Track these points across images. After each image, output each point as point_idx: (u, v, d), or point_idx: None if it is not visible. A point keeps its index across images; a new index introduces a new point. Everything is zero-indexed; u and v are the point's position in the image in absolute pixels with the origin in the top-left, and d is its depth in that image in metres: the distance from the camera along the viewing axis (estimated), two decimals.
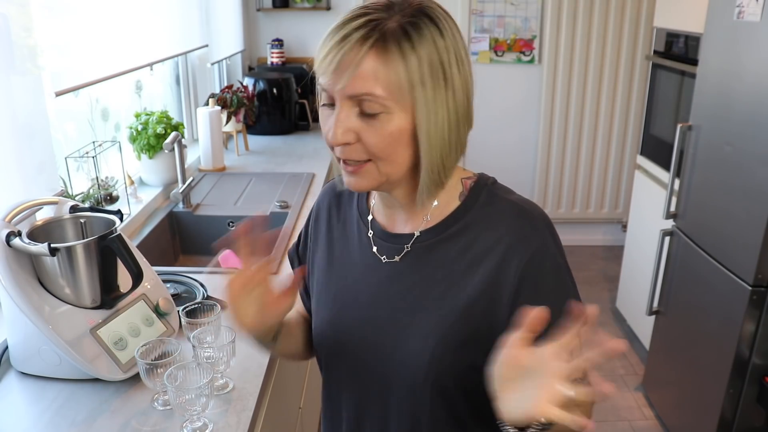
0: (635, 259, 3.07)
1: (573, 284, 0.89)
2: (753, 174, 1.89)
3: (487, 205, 0.89)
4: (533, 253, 0.85)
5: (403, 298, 0.90)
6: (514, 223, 0.86)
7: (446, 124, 0.81)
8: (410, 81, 0.77)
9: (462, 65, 0.81)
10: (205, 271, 1.68)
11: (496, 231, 0.86)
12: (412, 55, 0.77)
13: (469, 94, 0.84)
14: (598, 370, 0.70)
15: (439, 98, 0.79)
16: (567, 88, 3.85)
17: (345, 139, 0.80)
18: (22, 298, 1.14)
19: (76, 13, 1.71)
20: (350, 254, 0.97)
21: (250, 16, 3.65)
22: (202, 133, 2.55)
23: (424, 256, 0.90)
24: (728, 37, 2.05)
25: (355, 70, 0.77)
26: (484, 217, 0.88)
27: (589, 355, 0.66)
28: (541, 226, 0.87)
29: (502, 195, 0.90)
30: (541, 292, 0.85)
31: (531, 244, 0.85)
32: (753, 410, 2.02)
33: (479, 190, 0.90)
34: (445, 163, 0.84)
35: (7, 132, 1.37)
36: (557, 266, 0.87)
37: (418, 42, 0.77)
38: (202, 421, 1.07)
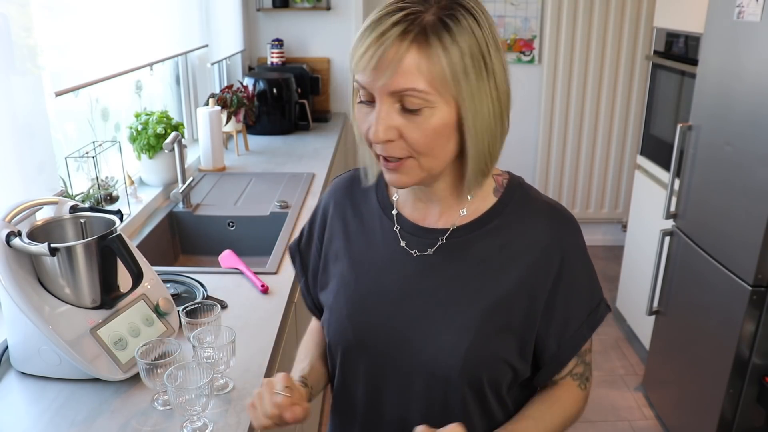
0: (635, 259, 3.07)
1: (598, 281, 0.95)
2: (753, 174, 1.89)
3: (523, 204, 0.92)
4: (568, 252, 0.90)
5: (436, 291, 0.90)
6: (550, 224, 0.90)
7: (491, 112, 0.82)
8: (454, 73, 0.77)
9: (499, 52, 0.82)
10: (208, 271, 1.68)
11: (533, 230, 0.90)
12: (454, 47, 0.77)
13: (508, 80, 0.85)
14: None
15: (482, 88, 0.80)
16: (567, 88, 3.85)
17: (387, 137, 0.80)
18: (22, 298, 1.14)
19: (76, 13, 1.71)
20: (371, 249, 0.96)
21: (250, 16, 3.65)
22: (202, 133, 2.55)
23: (460, 250, 0.90)
24: (728, 37, 2.05)
25: (398, 66, 0.76)
26: (521, 216, 0.91)
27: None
28: (574, 226, 0.92)
29: (534, 195, 0.94)
30: (574, 289, 0.91)
31: (566, 244, 0.90)
32: (753, 410, 2.02)
33: (514, 188, 0.94)
34: (491, 151, 0.85)
35: (7, 132, 1.37)
36: (588, 265, 0.93)
37: (458, 33, 0.77)
38: (202, 421, 1.07)
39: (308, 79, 3.46)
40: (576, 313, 0.92)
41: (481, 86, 0.80)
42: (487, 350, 0.88)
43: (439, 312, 0.89)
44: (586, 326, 0.93)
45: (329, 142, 3.12)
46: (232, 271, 1.68)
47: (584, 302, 0.92)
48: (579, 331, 0.92)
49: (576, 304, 0.91)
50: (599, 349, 3.09)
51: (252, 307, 1.50)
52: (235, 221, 2.15)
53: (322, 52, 3.70)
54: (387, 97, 0.79)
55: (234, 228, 2.16)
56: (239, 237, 2.14)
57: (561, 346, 0.92)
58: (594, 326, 0.93)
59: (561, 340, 0.91)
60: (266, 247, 1.94)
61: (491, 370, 0.89)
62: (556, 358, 0.93)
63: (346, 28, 3.61)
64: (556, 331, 0.91)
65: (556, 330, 0.91)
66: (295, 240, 1.10)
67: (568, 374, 0.95)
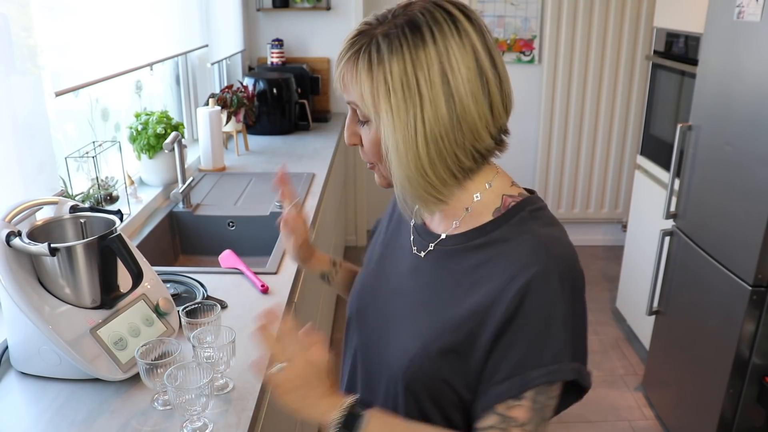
0: (635, 259, 3.07)
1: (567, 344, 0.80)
2: (753, 174, 1.89)
3: (513, 230, 0.84)
4: (530, 293, 0.78)
5: (415, 293, 0.92)
6: (528, 254, 0.80)
7: (421, 138, 0.78)
8: (372, 93, 0.79)
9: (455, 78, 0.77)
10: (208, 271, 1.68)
11: (508, 258, 0.82)
12: (379, 68, 0.78)
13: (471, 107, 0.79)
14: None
15: (410, 112, 0.77)
16: (567, 88, 3.85)
17: (352, 141, 0.89)
18: (22, 298, 1.14)
19: (76, 13, 1.71)
20: (396, 238, 1.02)
21: (250, 16, 3.65)
22: (202, 133, 2.55)
23: (443, 259, 0.90)
24: (728, 37, 2.05)
25: (340, 79, 0.84)
26: (506, 241, 0.84)
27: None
28: (554, 265, 0.79)
29: (534, 224, 0.85)
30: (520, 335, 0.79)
31: (533, 284, 0.78)
32: (753, 410, 2.02)
33: (516, 212, 0.86)
34: (426, 177, 0.81)
35: (7, 132, 1.37)
36: (551, 316, 0.79)
37: (387, 55, 0.77)
38: (202, 421, 1.07)
39: (308, 79, 3.46)
40: (510, 361, 0.79)
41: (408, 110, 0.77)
42: (427, 365, 0.85)
43: (410, 314, 0.90)
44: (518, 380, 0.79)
45: (329, 142, 3.12)
46: (232, 271, 1.68)
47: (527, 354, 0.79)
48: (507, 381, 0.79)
49: (514, 351, 0.79)
50: (599, 349, 3.09)
51: (252, 307, 1.50)
52: (235, 221, 2.15)
53: (322, 52, 3.70)
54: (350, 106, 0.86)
55: (234, 228, 2.16)
56: (239, 237, 2.14)
57: (488, 390, 0.81)
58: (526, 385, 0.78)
59: (490, 381, 0.81)
60: (266, 247, 1.94)
61: (431, 387, 0.86)
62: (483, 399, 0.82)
63: (346, 28, 3.61)
64: (489, 372, 0.81)
65: (489, 370, 0.81)
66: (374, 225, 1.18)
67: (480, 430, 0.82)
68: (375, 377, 0.95)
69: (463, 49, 0.78)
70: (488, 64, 0.80)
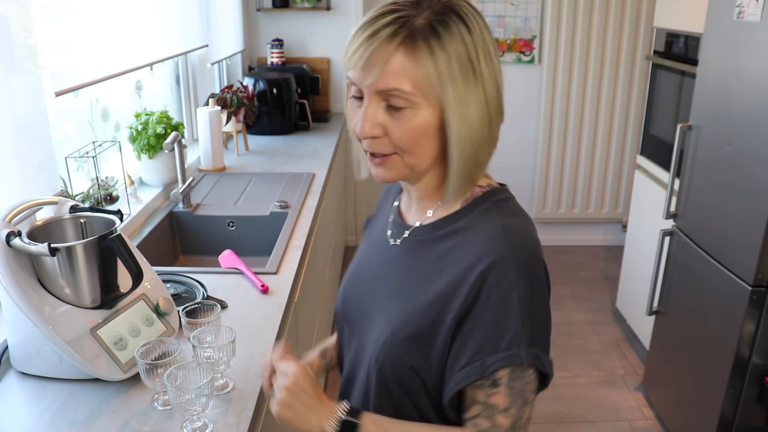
0: (635, 259, 3.07)
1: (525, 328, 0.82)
2: (753, 174, 1.89)
3: (478, 218, 0.88)
4: (489, 280, 0.81)
5: (390, 282, 0.95)
6: (487, 243, 0.83)
7: (477, 119, 0.83)
8: (439, 77, 0.79)
9: (490, 60, 0.83)
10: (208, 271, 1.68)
11: (469, 246, 0.85)
12: (441, 52, 0.79)
13: (500, 87, 0.85)
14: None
15: (469, 93, 0.81)
16: (567, 88, 3.85)
17: (372, 133, 0.84)
18: (22, 298, 1.14)
19: (76, 13, 1.71)
20: (376, 231, 1.05)
21: (250, 16, 3.65)
22: (202, 133, 2.55)
23: (414, 249, 0.94)
24: (728, 37, 2.05)
25: (384, 66, 0.79)
26: (469, 229, 0.87)
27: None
28: (514, 258, 0.81)
29: (497, 213, 0.87)
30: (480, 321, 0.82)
31: (493, 271, 0.81)
32: (753, 410, 2.02)
33: (482, 201, 0.90)
34: (477, 157, 0.85)
35: (7, 132, 1.37)
36: (508, 303, 0.81)
37: (447, 39, 0.79)
38: (202, 421, 1.07)
39: (308, 79, 3.46)
40: (471, 347, 0.82)
41: (467, 91, 0.81)
42: (395, 351, 0.89)
43: (385, 303, 0.94)
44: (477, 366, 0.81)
45: (329, 142, 3.12)
46: (232, 271, 1.68)
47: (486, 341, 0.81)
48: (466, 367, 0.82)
49: (474, 338, 0.82)
50: (599, 349, 3.09)
51: (252, 307, 1.50)
52: (235, 221, 2.15)
53: (322, 52, 3.70)
54: (374, 95, 0.82)
55: (234, 228, 2.16)
56: (239, 237, 2.15)
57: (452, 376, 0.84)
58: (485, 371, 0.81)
59: (452, 368, 0.84)
60: (266, 247, 1.94)
61: (398, 373, 0.89)
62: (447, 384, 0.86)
63: (346, 28, 3.61)
64: (451, 358, 0.84)
65: (451, 357, 0.84)
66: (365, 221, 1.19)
67: (471, 419, 0.85)
68: (356, 367, 0.99)
69: (490, 38, 0.84)
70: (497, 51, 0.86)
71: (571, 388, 2.79)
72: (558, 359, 3.01)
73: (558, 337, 3.19)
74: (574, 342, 3.16)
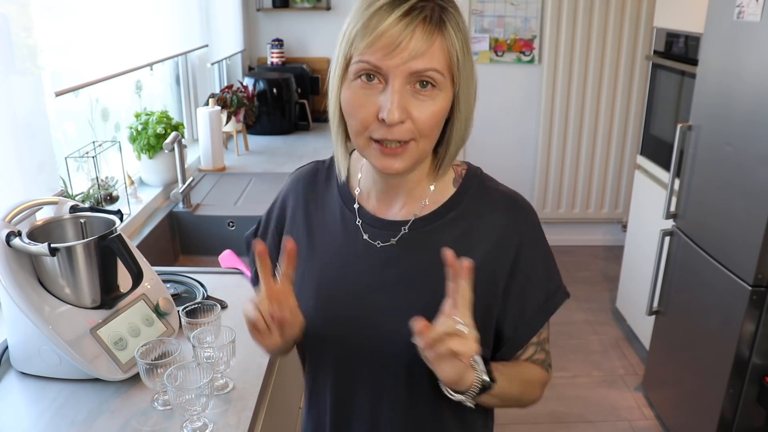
0: (635, 259, 3.07)
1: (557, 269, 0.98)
2: (753, 174, 1.89)
3: (480, 194, 0.94)
4: (523, 240, 0.92)
5: (399, 282, 0.92)
6: (506, 213, 0.92)
7: (474, 98, 0.87)
8: (464, 58, 0.82)
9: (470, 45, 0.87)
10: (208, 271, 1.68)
11: (490, 220, 0.92)
12: (461, 32, 0.82)
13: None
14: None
15: (471, 74, 0.85)
16: (567, 88, 3.85)
17: (402, 117, 0.80)
18: (22, 298, 1.14)
19: (76, 13, 1.71)
20: (333, 241, 0.97)
21: (250, 16, 3.65)
22: (202, 133, 2.55)
23: (421, 240, 0.92)
24: (728, 37, 2.05)
25: (421, 48, 0.78)
26: (478, 206, 0.93)
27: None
28: (531, 215, 0.94)
29: (492, 185, 0.96)
30: (530, 276, 0.93)
31: (521, 232, 0.92)
32: (753, 410, 2.02)
33: (471, 178, 0.95)
34: (465, 137, 0.89)
35: (7, 132, 1.37)
36: (544, 253, 0.95)
37: (459, 17, 0.82)
38: (202, 421, 1.08)
39: (308, 79, 3.46)
40: (532, 299, 0.94)
41: (471, 71, 0.85)
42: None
43: (403, 303, 0.90)
44: (541, 312, 0.95)
45: (329, 142, 3.09)
46: (232, 271, 1.68)
47: (540, 289, 0.95)
48: (535, 317, 0.95)
49: (532, 290, 0.94)
50: (599, 349, 3.09)
51: None
52: (235, 221, 2.15)
53: (322, 52, 3.70)
54: (405, 77, 0.79)
55: (234, 228, 2.16)
56: (239, 237, 2.14)
57: (517, 331, 0.94)
58: (549, 312, 0.96)
59: (517, 324, 0.94)
60: None
61: None
62: (513, 342, 0.95)
63: None
64: (513, 317, 0.93)
65: (512, 316, 0.93)
66: (251, 230, 1.10)
67: (528, 359, 0.97)
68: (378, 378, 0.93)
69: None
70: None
71: (571, 388, 2.79)
72: (558, 359, 3.01)
73: (558, 337, 3.19)
74: (574, 342, 3.16)
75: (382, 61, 0.78)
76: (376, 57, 0.79)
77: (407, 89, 0.80)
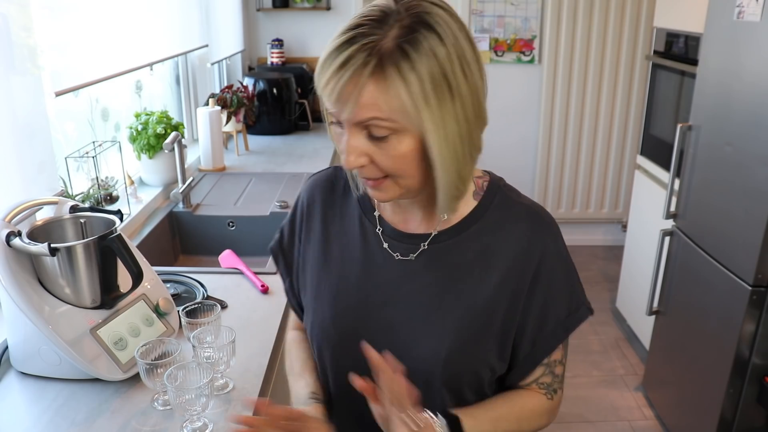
0: (635, 259, 3.07)
1: (580, 285, 0.95)
2: (753, 174, 1.89)
3: (502, 208, 0.92)
4: (546, 255, 0.90)
5: (418, 296, 0.91)
6: (529, 227, 0.90)
7: (457, 136, 0.79)
8: (414, 102, 0.75)
9: (468, 68, 0.78)
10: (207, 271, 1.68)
11: (512, 234, 0.90)
12: (412, 75, 0.74)
13: (479, 93, 0.81)
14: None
15: (446, 112, 0.77)
16: (567, 88, 3.85)
17: (359, 163, 0.81)
18: (22, 298, 1.14)
19: (76, 13, 1.70)
20: (351, 251, 0.96)
21: (250, 16, 3.65)
22: (202, 133, 2.55)
23: (442, 255, 0.91)
24: (728, 37, 2.05)
25: (357, 99, 0.75)
26: (500, 220, 0.91)
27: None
28: (553, 229, 0.92)
29: (514, 198, 0.94)
30: (552, 291, 0.91)
31: (544, 247, 0.90)
32: (753, 410, 2.02)
33: (493, 190, 0.93)
34: (461, 175, 0.83)
35: (7, 132, 1.37)
36: (567, 268, 0.93)
37: (417, 59, 0.74)
38: (202, 421, 1.08)
39: (308, 79, 3.46)
40: (552, 314, 0.92)
41: (445, 111, 0.77)
42: (467, 355, 0.89)
43: (421, 317, 0.90)
44: (561, 327, 0.93)
45: (329, 142, 3.11)
46: (232, 271, 1.68)
47: (562, 304, 0.93)
48: (554, 332, 0.93)
49: (553, 306, 0.92)
50: (599, 350, 3.09)
51: (252, 307, 1.50)
52: (235, 221, 2.15)
53: (322, 52, 3.69)
54: (353, 126, 0.79)
55: (234, 228, 2.16)
56: (239, 237, 2.14)
57: (535, 346, 0.93)
58: (570, 328, 0.94)
59: (536, 339, 0.92)
60: (266, 247, 1.93)
61: (470, 373, 0.91)
62: (530, 357, 0.94)
63: None
64: (532, 332, 0.92)
65: (532, 330, 0.92)
66: (276, 240, 1.09)
67: (533, 381, 0.96)
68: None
69: (467, 41, 0.79)
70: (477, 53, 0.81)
71: (571, 388, 2.79)
72: None
73: None
74: (574, 342, 3.15)
75: (335, 110, 0.79)
76: (330, 106, 0.79)
77: (363, 134, 0.79)
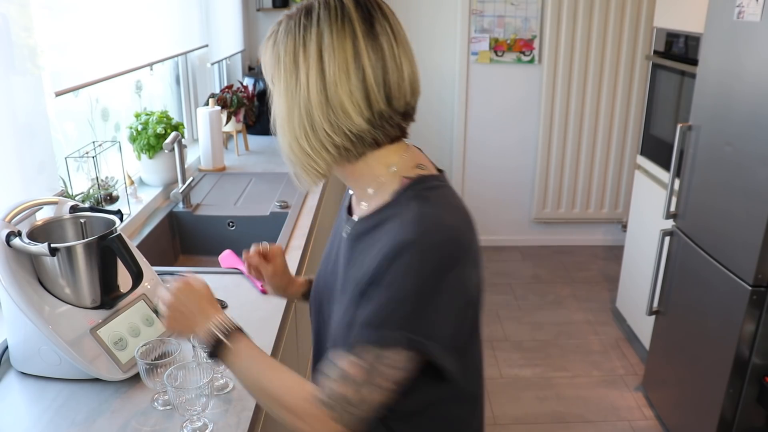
0: (635, 259, 3.07)
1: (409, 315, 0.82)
2: (753, 174, 1.89)
3: (402, 207, 0.89)
4: (393, 261, 0.82)
5: (340, 275, 0.99)
6: (398, 229, 0.85)
7: (296, 108, 0.89)
8: (271, 70, 0.91)
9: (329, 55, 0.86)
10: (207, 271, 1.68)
11: (388, 233, 0.87)
12: (275, 47, 0.90)
13: (336, 82, 0.86)
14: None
15: (290, 84, 0.89)
16: (567, 88, 3.85)
17: None
18: (22, 298, 1.14)
19: (76, 13, 1.70)
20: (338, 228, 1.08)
21: (250, 16, 3.65)
22: (202, 133, 2.55)
23: (354, 241, 0.97)
24: (728, 37, 2.05)
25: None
26: (392, 218, 0.89)
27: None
28: (418, 239, 0.82)
29: (417, 202, 0.88)
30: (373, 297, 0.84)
31: (394, 252, 0.82)
32: (753, 410, 2.02)
33: (406, 191, 0.91)
34: (292, 147, 0.92)
35: (7, 132, 1.37)
36: (401, 285, 0.82)
37: (283, 35, 0.89)
38: (202, 421, 1.08)
39: None
40: (359, 318, 0.86)
41: (287, 82, 0.89)
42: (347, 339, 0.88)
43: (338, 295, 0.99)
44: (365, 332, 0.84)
45: None
46: (232, 271, 1.68)
47: (372, 316, 0.84)
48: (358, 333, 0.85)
49: (364, 311, 0.85)
50: (599, 349, 3.09)
51: (252, 307, 1.50)
52: (235, 221, 2.15)
53: None
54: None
55: (234, 228, 2.16)
56: (239, 237, 2.14)
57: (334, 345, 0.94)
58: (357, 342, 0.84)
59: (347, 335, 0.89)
60: None
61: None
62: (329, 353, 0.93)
63: None
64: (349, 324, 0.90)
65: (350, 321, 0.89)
66: None
67: (324, 375, 0.88)
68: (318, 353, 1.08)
69: (341, 33, 0.86)
70: (370, 53, 0.86)
71: (571, 388, 2.80)
72: (558, 359, 3.01)
73: (558, 337, 3.19)
74: (574, 342, 3.16)
75: None
76: None
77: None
